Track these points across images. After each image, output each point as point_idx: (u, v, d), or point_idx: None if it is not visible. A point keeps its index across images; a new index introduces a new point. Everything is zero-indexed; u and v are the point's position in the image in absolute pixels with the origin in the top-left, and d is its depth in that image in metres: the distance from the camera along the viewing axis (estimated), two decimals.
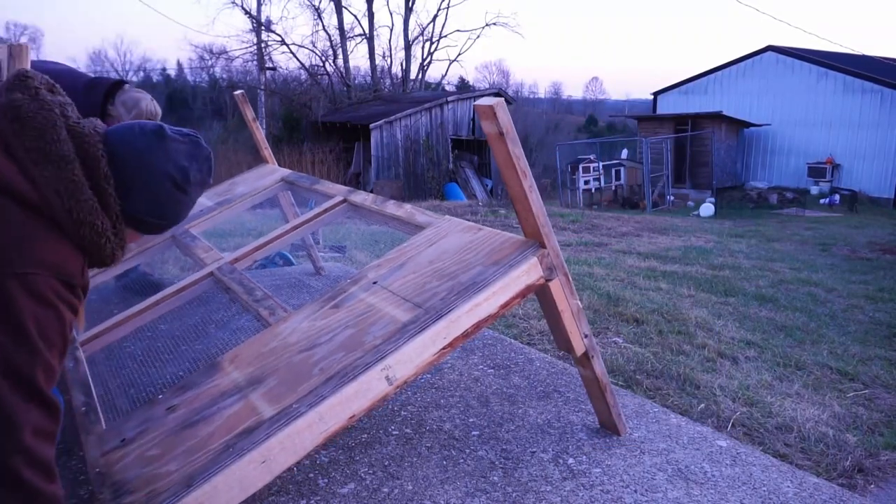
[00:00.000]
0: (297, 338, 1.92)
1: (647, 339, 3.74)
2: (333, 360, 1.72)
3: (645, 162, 18.27)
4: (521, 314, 4.03)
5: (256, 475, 1.49)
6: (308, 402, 1.59)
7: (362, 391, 1.62)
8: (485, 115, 1.74)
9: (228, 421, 1.63)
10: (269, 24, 26.01)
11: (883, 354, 3.99)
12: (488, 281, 1.81)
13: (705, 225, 12.36)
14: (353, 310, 1.95)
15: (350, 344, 1.77)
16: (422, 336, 1.70)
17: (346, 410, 1.60)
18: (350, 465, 2.02)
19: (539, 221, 1.85)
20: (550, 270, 1.88)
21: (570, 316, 1.97)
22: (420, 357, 1.70)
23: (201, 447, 1.56)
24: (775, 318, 4.67)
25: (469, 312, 1.75)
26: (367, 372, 1.63)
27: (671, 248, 8.44)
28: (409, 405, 2.43)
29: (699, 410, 2.75)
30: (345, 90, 26.12)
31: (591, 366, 2.06)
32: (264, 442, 1.51)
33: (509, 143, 1.74)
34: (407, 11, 27.81)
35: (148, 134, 1.25)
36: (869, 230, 11.79)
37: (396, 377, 1.66)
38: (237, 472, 1.47)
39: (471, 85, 36.77)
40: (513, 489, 1.90)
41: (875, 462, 2.48)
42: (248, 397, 1.70)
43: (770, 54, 21.40)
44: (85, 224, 1.12)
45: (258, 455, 1.49)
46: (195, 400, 1.78)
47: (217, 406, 1.72)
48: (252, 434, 1.55)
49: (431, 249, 2.14)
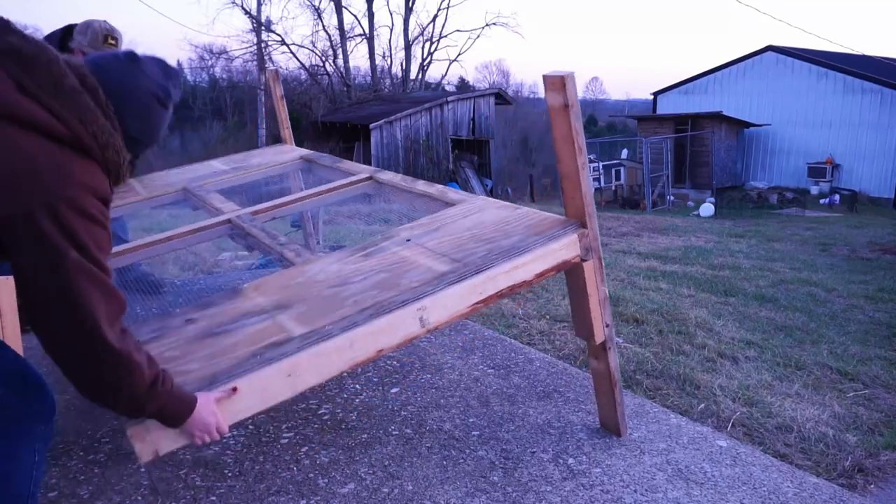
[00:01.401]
0: (326, 276, 1.88)
1: (647, 339, 3.73)
2: (367, 296, 1.70)
3: (645, 162, 18.26)
4: (522, 314, 4.03)
5: (279, 387, 1.48)
6: (341, 325, 1.59)
7: (394, 326, 1.62)
8: (553, 86, 1.73)
9: (254, 335, 1.60)
10: (269, 24, 25.99)
11: (883, 354, 3.99)
12: (528, 248, 1.83)
13: (705, 225, 12.36)
14: (385, 259, 1.94)
15: (384, 284, 1.76)
16: (459, 285, 1.71)
17: (376, 343, 1.60)
18: (350, 465, 2.01)
19: (585, 201, 1.87)
20: (587, 251, 1.91)
21: (597, 302, 1.98)
22: (455, 306, 1.70)
23: (225, 353, 1.54)
24: (775, 318, 4.67)
25: (507, 273, 1.77)
26: (403, 308, 1.63)
27: (671, 248, 8.43)
28: (409, 405, 2.43)
29: (699, 410, 2.75)
30: (345, 90, 26.10)
31: (606, 358, 2.06)
32: (293, 355, 1.50)
33: (572, 116, 1.74)
34: (407, 11, 27.79)
35: (124, 60, 1.31)
36: (869, 230, 11.79)
37: (429, 321, 1.66)
38: (261, 379, 1.46)
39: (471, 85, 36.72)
40: (513, 489, 1.89)
41: (875, 462, 2.48)
42: (274, 318, 1.67)
43: (770, 54, 21.38)
44: (109, 147, 1.22)
45: (285, 367, 1.48)
46: (217, 316, 1.74)
47: (241, 322, 1.68)
48: (280, 347, 1.53)
49: (468, 220, 2.15)
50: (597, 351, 2.08)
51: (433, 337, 3.18)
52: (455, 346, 3.06)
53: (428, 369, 2.76)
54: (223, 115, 34.40)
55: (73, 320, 1.13)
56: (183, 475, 1.95)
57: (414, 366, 2.80)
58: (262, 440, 2.16)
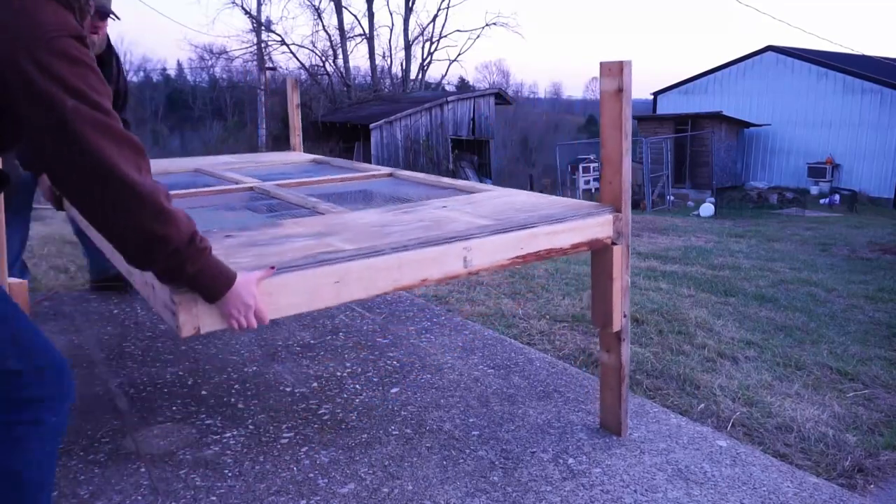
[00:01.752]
0: (367, 222, 1.88)
1: (646, 339, 3.73)
2: (412, 234, 1.71)
3: (645, 162, 18.27)
4: (522, 314, 4.03)
5: (326, 291, 1.50)
6: (392, 246, 1.61)
7: (440, 260, 1.66)
8: (609, 71, 1.83)
9: (301, 248, 1.59)
10: (269, 24, 26.00)
11: (883, 354, 3.99)
12: (567, 217, 1.90)
13: (705, 225, 12.36)
14: (426, 215, 1.96)
15: (429, 228, 1.78)
16: (503, 235, 1.76)
17: (422, 271, 1.63)
18: (350, 465, 2.01)
19: (623, 187, 1.93)
20: (619, 235, 1.98)
21: (619, 289, 2.01)
22: (497, 254, 1.75)
23: (274, 254, 1.53)
24: (775, 318, 4.67)
25: (547, 236, 1.84)
26: (450, 244, 1.67)
27: (671, 248, 8.43)
28: (409, 405, 2.43)
29: (699, 410, 2.75)
30: (345, 90, 26.09)
31: (619, 350, 2.08)
32: (344, 262, 1.52)
33: (624, 101, 1.83)
34: (407, 11, 27.79)
35: None
36: (869, 230, 11.79)
37: (472, 262, 1.70)
38: (311, 278, 1.47)
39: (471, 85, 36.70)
40: (513, 489, 1.90)
41: (875, 462, 2.48)
42: (321, 239, 1.67)
43: (770, 54, 21.38)
44: None
45: (334, 272, 1.50)
46: (258, 236, 1.72)
47: (285, 240, 1.67)
48: (331, 255, 1.54)
49: (501, 200, 2.21)
50: (610, 342, 2.10)
51: (433, 337, 3.18)
52: (455, 346, 3.06)
53: (428, 369, 2.76)
54: (223, 115, 34.41)
55: (92, 172, 1.10)
56: (183, 475, 1.96)
57: (414, 366, 2.81)
58: (262, 440, 2.16)
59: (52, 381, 1.33)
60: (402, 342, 3.10)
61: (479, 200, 2.19)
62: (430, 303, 3.99)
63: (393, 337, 3.18)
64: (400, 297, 3.99)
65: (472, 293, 4.48)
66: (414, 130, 20.56)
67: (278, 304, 1.43)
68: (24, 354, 1.29)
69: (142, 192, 1.14)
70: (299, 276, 1.46)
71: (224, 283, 1.29)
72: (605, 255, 1.99)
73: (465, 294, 4.45)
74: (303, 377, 2.67)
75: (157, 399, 2.45)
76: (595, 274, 2.04)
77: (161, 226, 1.17)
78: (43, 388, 1.31)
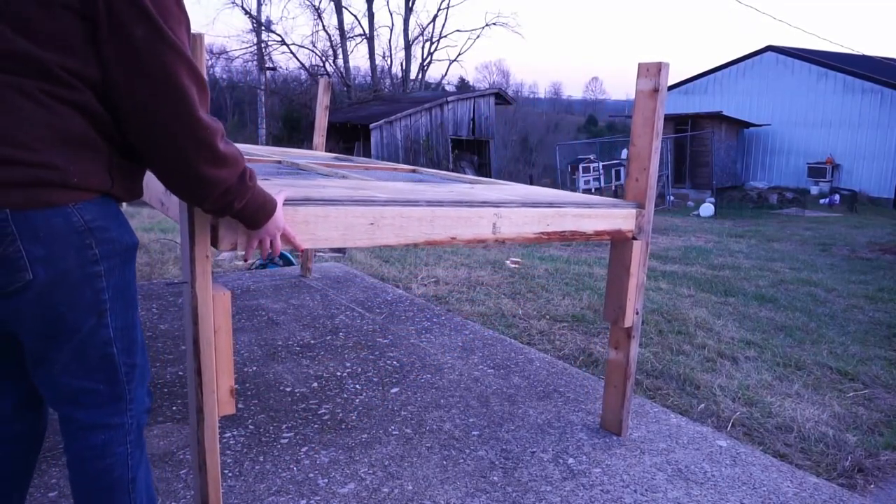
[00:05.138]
0: (398, 188, 1.90)
1: (647, 339, 3.73)
2: (444, 199, 1.73)
3: None
4: (522, 314, 4.03)
5: (360, 231, 1.52)
6: (426, 200, 1.63)
7: (472, 220, 1.68)
8: (646, 72, 1.89)
9: (339, 193, 1.60)
10: (269, 24, 25.99)
11: (883, 354, 3.99)
12: (594, 204, 1.94)
13: (705, 225, 12.36)
14: (456, 189, 1.98)
15: (461, 195, 1.80)
16: (533, 209, 1.79)
17: (453, 228, 1.65)
18: (350, 465, 2.01)
19: (649, 183, 1.97)
20: (640, 230, 2.02)
21: (635, 285, 2.04)
22: (525, 226, 1.78)
23: (313, 194, 1.55)
24: (775, 318, 4.67)
25: (574, 217, 1.87)
26: (482, 208, 1.69)
27: (671, 248, 8.43)
28: (409, 405, 2.43)
29: (699, 410, 2.75)
30: (345, 90, 26.09)
31: (628, 347, 2.10)
32: (380, 206, 1.54)
33: (659, 101, 1.89)
34: (407, 11, 27.78)
35: None
36: (869, 230, 11.79)
37: (500, 230, 1.73)
38: (348, 215, 1.49)
39: (471, 85, 36.71)
40: (513, 489, 1.90)
41: (875, 462, 2.48)
42: (356, 191, 1.69)
43: (770, 54, 21.37)
44: None
45: (370, 214, 1.52)
46: (296, 181, 1.74)
47: (323, 188, 1.68)
48: (367, 198, 1.55)
49: (524, 189, 2.25)
50: (620, 338, 2.11)
51: (433, 337, 3.18)
52: (455, 346, 3.06)
53: (428, 369, 2.76)
54: (223, 115, 34.38)
55: (169, 101, 1.10)
56: (183, 475, 1.95)
57: (414, 366, 2.81)
58: (262, 440, 2.16)
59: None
60: (402, 342, 3.10)
61: (504, 188, 2.24)
62: (430, 303, 3.99)
63: (393, 337, 3.18)
64: (400, 297, 3.99)
65: (472, 293, 4.48)
66: (414, 130, 20.56)
67: (315, 235, 1.46)
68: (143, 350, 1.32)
69: (209, 138, 1.15)
70: (338, 210, 1.49)
71: (269, 209, 1.32)
72: (624, 249, 2.02)
73: (465, 294, 4.45)
74: (303, 377, 2.67)
75: (157, 399, 2.45)
76: (612, 268, 2.07)
77: (222, 169, 1.18)
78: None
